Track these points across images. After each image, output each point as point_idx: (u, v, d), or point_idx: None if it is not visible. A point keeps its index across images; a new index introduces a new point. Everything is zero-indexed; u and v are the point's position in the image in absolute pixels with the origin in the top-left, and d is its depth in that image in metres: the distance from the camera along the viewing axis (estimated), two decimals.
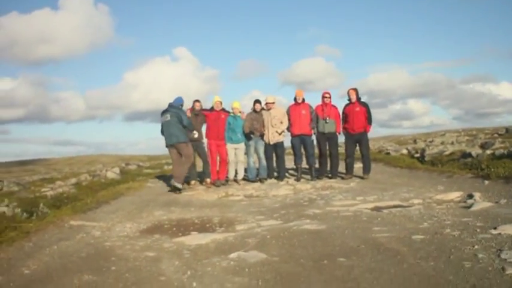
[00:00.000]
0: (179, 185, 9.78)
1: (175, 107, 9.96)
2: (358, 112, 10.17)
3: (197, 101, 10.97)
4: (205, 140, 11.01)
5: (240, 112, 10.85)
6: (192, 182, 10.95)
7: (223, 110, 10.94)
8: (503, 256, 3.43)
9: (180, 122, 9.77)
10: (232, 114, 10.78)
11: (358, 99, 10.32)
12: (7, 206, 6.98)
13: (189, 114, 10.69)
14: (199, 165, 11.42)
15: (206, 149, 11.06)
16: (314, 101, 10.71)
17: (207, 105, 11.21)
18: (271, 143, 10.75)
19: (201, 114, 10.86)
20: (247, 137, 10.82)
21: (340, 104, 10.63)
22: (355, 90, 10.34)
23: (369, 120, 10.24)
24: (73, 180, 12.71)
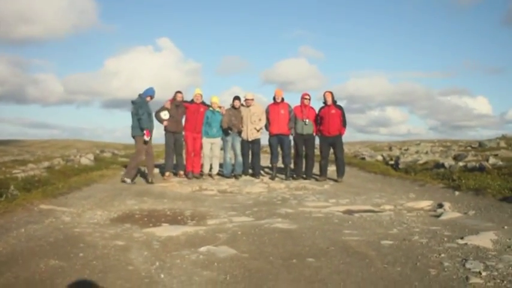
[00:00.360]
0: (126, 179, 9.79)
1: (141, 99, 9.88)
2: (333, 115, 10.25)
3: (179, 92, 10.90)
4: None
5: (219, 107, 10.83)
6: (167, 174, 10.90)
7: (203, 103, 10.92)
8: (467, 266, 3.50)
9: (136, 114, 9.72)
10: (211, 108, 10.75)
11: (334, 102, 10.38)
12: None
13: (169, 105, 10.64)
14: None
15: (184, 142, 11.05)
16: (294, 101, 10.77)
17: (187, 98, 11.16)
18: (250, 139, 10.76)
19: (181, 106, 10.81)
20: (225, 132, 10.81)
21: (318, 106, 10.69)
22: (331, 93, 10.42)
23: (343, 123, 10.33)
24: (46, 164, 12.50)
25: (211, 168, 11.09)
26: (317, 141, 10.92)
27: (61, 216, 5.75)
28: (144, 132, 9.78)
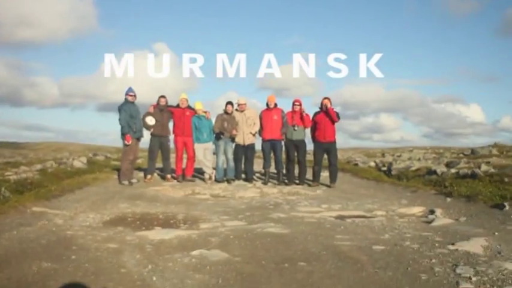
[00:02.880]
0: (123, 182, 10.17)
1: (123, 101, 10.32)
2: (329, 121, 10.25)
3: (162, 96, 10.89)
4: (172, 137, 11.01)
5: (203, 112, 10.85)
6: (148, 177, 10.93)
7: (188, 107, 10.94)
8: (458, 271, 3.54)
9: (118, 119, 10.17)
10: (196, 114, 10.77)
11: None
12: None
13: (152, 110, 10.67)
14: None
15: (172, 146, 11.13)
16: (289, 107, 10.78)
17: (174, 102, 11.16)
18: (246, 143, 10.78)
19: (166, 110, 10.82)
20: (217, 137, 10.83)
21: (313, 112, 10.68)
22: (329, 99, 10.43)
23: (338, 116, 10.31)
24: (38, 166, 12.45)
25: (204, 172, 11.11)
26: (310, 147, 10.94)
27: (54, 219, 5.74)
28: (125, 136, 10.10)
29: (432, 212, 6.55)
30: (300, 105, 10.63)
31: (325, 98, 10.43)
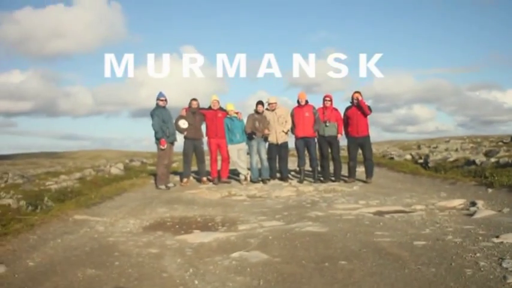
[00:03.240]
0: (160, 187, 10.30)
1: (155, 107, 10.38)
2: (361, 115, 10.13)
3: (194, 99, 10.89)
4: (205, 139, 11.06)
5: (235, 113, 10.88)
6: (184, 180, 11.00)
7: (220, 108, 10.97)
8: (504, 265, 3.45)
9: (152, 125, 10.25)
10: (228, 116, 10.80)
11: None
12: (11, 198, 7.03)
13: (184, 113, 10.73)
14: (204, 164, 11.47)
15: (205, 148, 11.18)
16: (320, 103, 10.70)
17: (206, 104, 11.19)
18: (279, 142, 10.77)
19: (198, 113, 10.85)
20: (249, 137, 10.83)
21: (344, 107, 10.56)
22: (360, 93, 10.30)
23: (369, 108, 10.17)
24: (77, 175, 12.75)
25: (240, 173, 11.14)
26: (344, 142, 10.85)
27: (95, 226, 5.87)
28: (160, 141, 10.16)
29: (473, 204, 6.41)
30: (331, 100, 10.58)
31: (356, 92, 10.31)
